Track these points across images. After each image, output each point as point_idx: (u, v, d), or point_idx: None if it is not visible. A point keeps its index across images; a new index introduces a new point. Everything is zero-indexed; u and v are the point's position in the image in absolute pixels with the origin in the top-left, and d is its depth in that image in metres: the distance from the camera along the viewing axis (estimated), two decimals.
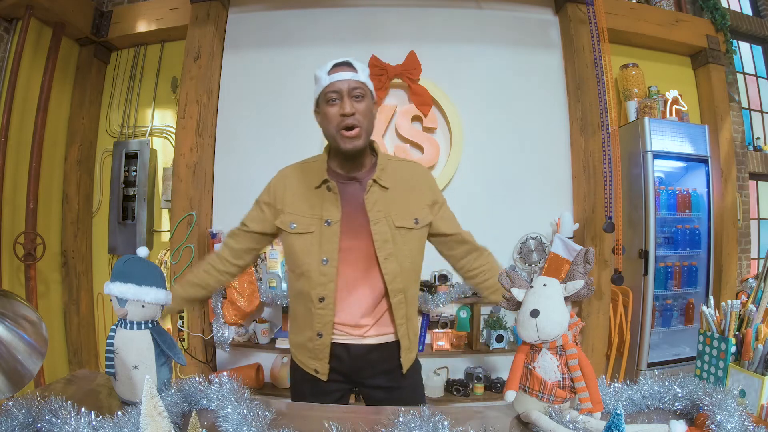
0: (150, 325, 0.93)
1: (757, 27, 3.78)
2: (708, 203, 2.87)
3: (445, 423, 0.72)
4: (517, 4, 2.75)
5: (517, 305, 0.84)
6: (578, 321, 0.83)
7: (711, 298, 1.04)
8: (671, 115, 2.93)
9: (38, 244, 2.52)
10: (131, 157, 2.90)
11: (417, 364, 1.27)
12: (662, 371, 0.94)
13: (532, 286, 0.83)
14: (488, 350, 2.49)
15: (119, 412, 0.74)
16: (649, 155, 2.70)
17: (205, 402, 0.89)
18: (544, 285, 0.82)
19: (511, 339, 2.51)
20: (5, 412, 0.75)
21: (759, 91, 3.83)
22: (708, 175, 2.88)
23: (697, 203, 2.89)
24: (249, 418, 0.76)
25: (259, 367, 2.47)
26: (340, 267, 1.13)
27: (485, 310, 2.60)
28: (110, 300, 0.93)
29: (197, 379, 0.91)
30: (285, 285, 2.44)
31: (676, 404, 0.86)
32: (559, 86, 2.74)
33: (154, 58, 2.98)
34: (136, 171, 2.89)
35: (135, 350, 0.90)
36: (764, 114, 3.84)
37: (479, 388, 2.45)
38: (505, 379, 2.19)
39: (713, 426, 0.73)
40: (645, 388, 0.88)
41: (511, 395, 0.82)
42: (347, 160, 1.16)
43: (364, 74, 1.12)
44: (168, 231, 2.81)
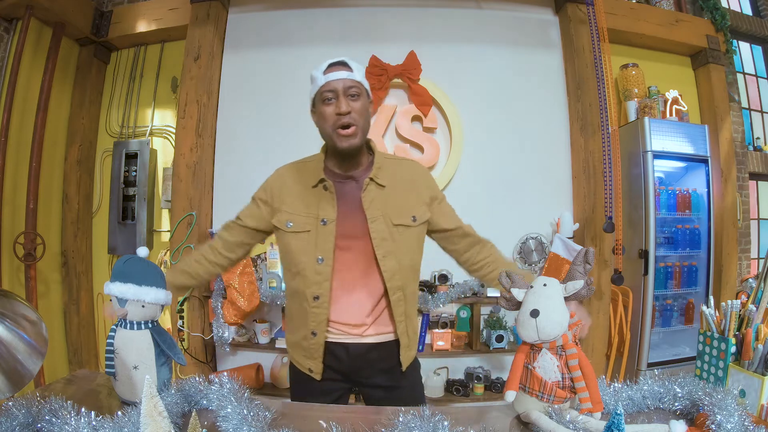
0: (150, 325, 0.93)
1: (757, 27, 3.78)
2: (708, 203, 2.87)
3: (445, 423, 0.72)
4: (517, 4, 2.75)
5: (517, 305, 0.84)
6: (578, 321, 0.83)
7: (711, 298, 1.04)
8: (671, 115, 2.93)
9: (38, 244, 2.52)
10: (131, 157, 2.90)
11: (416, 363, 1.26)
12: (662, 371, 0.94)
13: (532, 286, 0.83)
14: (488, 350, 2.48)
15: (119, 412, 0.74)
16: (649, 155, 2.70)
17: (205, 402, 0.89)
18: (544, 285, 0.82)
19: (511, 339, 2.51)
20: (5, 412, 0.75)
21: (759, 91, 3.83)
22: (708, 175, 2.88)
23: (697, 203, 2.89)
24: (249, 418, 0.76)
25: (259, 367, 2.47)
26: (338, 266, 1.13)
27: (485, 310, 2.60)
28: (110, 300, 0.93)
29: (197, 379, 0.91)
30: (285, 285, 2.44)
31: (676, 404, 0.86)
32: (559, 86, 2.74)
33: (154, 58, 2.98)
34: (136, 171, 2.89)
35: (135, 350, 0.90)
36: (764, 114, 3.84)
37: (479, 388, 2.45)
38: (505, 379, 2.19)
39: (713, 426, 0.73)
40: (645, 388, 0.88)
41: (511, 395, 0.82)
42: (344, 158, 1.16)
43: (360, 73, 1.12)
44: (168, 231, 2.81)
